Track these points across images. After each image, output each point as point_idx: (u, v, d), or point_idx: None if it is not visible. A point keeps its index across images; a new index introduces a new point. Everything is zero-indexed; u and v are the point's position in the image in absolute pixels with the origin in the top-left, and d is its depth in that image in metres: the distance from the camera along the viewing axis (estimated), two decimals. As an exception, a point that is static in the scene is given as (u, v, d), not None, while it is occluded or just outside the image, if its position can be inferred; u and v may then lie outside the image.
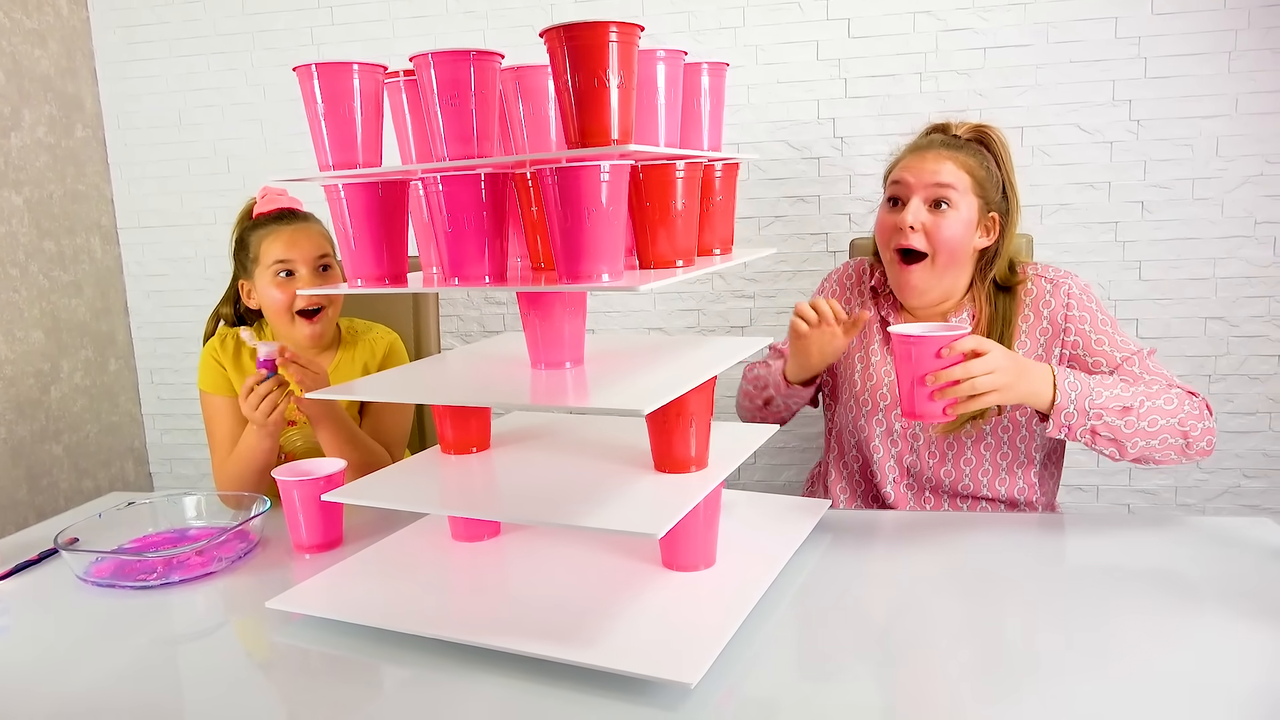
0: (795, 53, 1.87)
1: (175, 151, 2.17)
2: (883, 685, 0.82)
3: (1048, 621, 0.93)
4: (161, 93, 2.15)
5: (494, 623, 0.93)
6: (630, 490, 0.97)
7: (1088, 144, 1.80)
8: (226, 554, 1.18)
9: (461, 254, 0.93)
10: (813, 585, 1.04)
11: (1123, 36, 1.75)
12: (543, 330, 1.02)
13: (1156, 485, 1.90)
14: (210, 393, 1.48)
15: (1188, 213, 1.79)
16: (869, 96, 1.86)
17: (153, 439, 2.32)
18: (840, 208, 1.91)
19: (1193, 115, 1.75)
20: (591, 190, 0.85)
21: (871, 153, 1.87)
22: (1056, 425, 1.15)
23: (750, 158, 1.12)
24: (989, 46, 1.80)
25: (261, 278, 1.41)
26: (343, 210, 0.97)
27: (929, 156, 1.30)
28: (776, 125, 1.90)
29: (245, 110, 2.11)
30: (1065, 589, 1.01)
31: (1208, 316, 1.81)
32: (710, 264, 1.03)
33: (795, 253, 1.95)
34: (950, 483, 1.33)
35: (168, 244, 2.22)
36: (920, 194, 1.29)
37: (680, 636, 0.88)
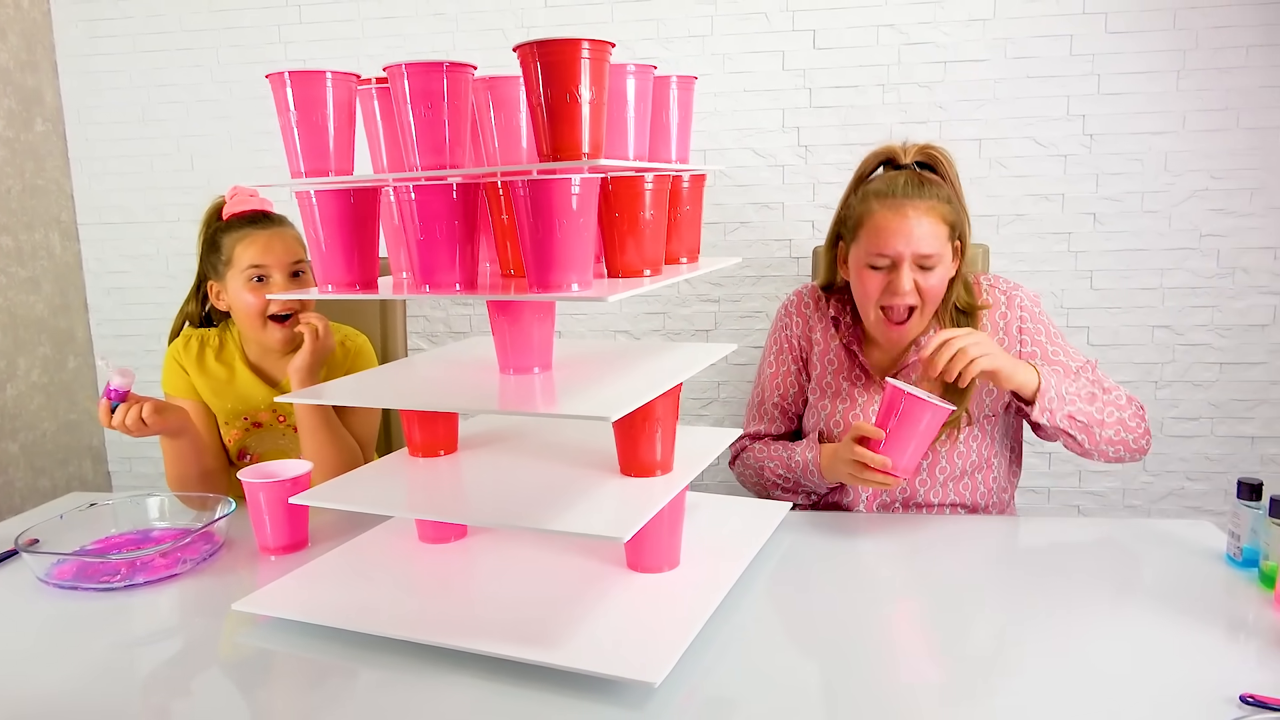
0: (761, 62, 1.90)
1: (138, 148, 2.15)
2: (843, 683, 0.85)
3: (1000, 618, 0.97)
4: (124, 88, 2.13)
5: (461, 624, 0.94)
6: (596, 494, 0.98)
7: (1043, 157, 1.85)
8: (191, 556, 1.18)
9: (433, 262, 0.94)
10: (775, 585, 1.07)
11: (1078, 54, 1.81)
12: (511, 336, 1.04)
13: (1105, 487, 1.96)
14: (173, 395, 1.48)
15: (1137, 225, 1.85)
16: (833, 106, 1.90)
17: (112, 437, 2.29)
18: (804, 214, 1.95)
19: (1143, 131, 1.81)
20: (562, 202, 0.87)
21: (835, 161, 1.91)
22: (1041, 408, 1.20)
23: (716, 169, 1.14)
24: (950, 60, 1.84)
25: (234, 281, 1.40)
26: (314, 217, 0.98)
27: (909, 217, 1.28)
28: (742, 133, 1.93)
29: (211, 108, 2.10)
30: (1018, 587, 1.04)
31: (1155, 325, 1.88)
32: (677, 273, 1.06)
33: (759, 258, 1.98)
34: (924, 492, 1.35)
35: (129, 241, 2.20)
36: (908, 262, 1.29)
37: (644, 637, 0.90)
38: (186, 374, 1.46)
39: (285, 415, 1.49)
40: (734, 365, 2.04)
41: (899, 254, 1.29)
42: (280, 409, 1.49)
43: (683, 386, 1.09)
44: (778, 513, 1.24)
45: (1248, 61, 1.77)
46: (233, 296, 1.41)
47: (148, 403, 1.28)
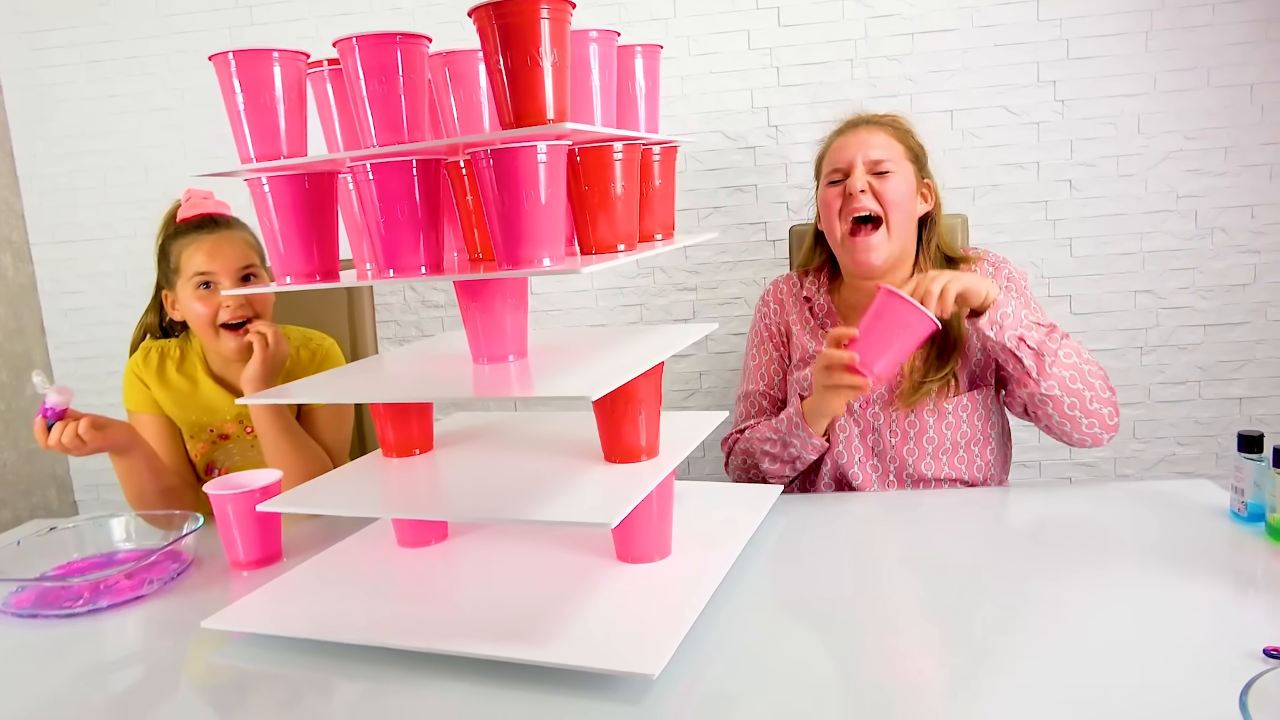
0: (727, 42, 1.87)
1: (90, 162, 2.08)
2: (849, 668, 0.80)
3: (1006, 592, 0.93)
4: (73, 100, 2.06)
5: (446, 627, 0.90)
6: (580, 482, 0.94)
7: (1015, 125, 1.83)
8: (158, 575, 1.13)
9: (395, 245, 0.89)
10: (771, 570, 1.03)
11: (1045, 19, 1.78)
12: (484, 323, 0.99)
13: (1096, 458, 1.93)
14: (136, 411, 1.42)
15: (1114, 189, 1.83)
16: (801, 84, 1.87)
17: (76, 464, 2.21)
18: (778, 196, 1.91)
19: (1114, 94, 1.79)
20: (529, 172, 0.83)
21: (806, 140, 1.88)
22: (990, 321, 1.18)
23: (687, 139, 1.10)
24: (916, 32, 1.82)
25: (183, 290, 1.34)
26: (268, 205, 0.93)
27: (860, 132, 1.34)
28: (711, 116, 1.90)
29: (163, 116, 2.03)
30: (1021, 559, 1.01)
31: (1137, 290, 1.86)
32: (652, 249, 1.01)
33: (735, 243, 1.95)
34: (914, 462, 1.33)
35: (85, 259, 2.12)
36: (861, 165, 1.32)
37: (639, 628, 0.86)
38: (147, 388, 1.40)
39: (253, 426, 1.43)
40: (714, 354, 2.00)
41: (850, 160, 1.32)
42: (247, 420, 1.43)
43: (664, 378, 1.05)
44: (769, 496, 1.20)
45: (1215, 19, 1.75)
46: (183, 305, 1.35)
47: (84, 419, 1.21)
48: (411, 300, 2.06)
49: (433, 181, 0.90)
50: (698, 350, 2.00)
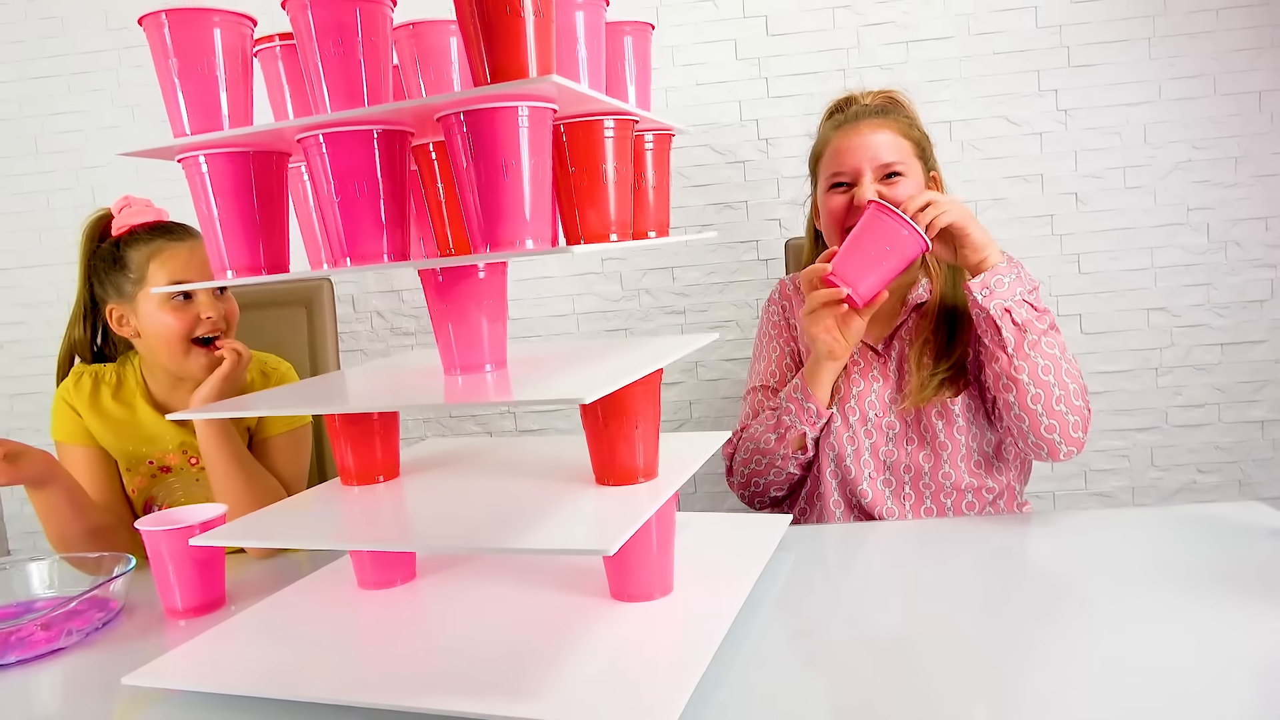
0: (713, 53, 1.78)
1: (32, 184, 1.94)
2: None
3: (1050, 623, 0.81)
4: (14, 118, 1.92)
5: (415, 679, 0.76)
6: (570, 506, 0.82)
7: (1017, 136, 1.75)
8: (79, 626, 0.97)
9: (354, 229, 0.77)
10: (782, 610, 0.90)
11: (1044, 25, 1.71)
12: (457, 328, 0.87)
13: (1112, 487, 1.82)
14: (65, 442, 1.27)
15: (1122, 202, 1.74)
16: (792, 96, 1.78)
17: (12, 510, 2.04)
18: (769, 213, 1.81)
19: (1118, 103, 1.72)
20: (509, 137, 0.71)
21: (798, 154, 1.78)
22: (983, 284, 1.12)
23: (682, 129, 0.99)
24: (911, 40, 1.74)
25: (148, 301, 1.20)
26: (205, 188, 0.81)
27: (864, 131, 1.24)
28: (698, 130, 1.80)
29: (111, 135, 1.91)
30: (1064, 588, 0.89)
31: (1150, 308, 1.77)
32: (647, 240, 0.90)
33: (725, 263, 1.84)
34: (930, 470, 1.22)
35: (26, 288, 1.97)
36: (869, 174, 1.22)
37: (641, 678, 0.72)
38: (79, 416, 1.26)
39: (198, 457, 1.28)
40: (706, 382, 1.88)
41: (857, 168, 1.22)
42: (192, 449, 1.28)
43: (664, 391, 0.92)
44: (778, 527, 1.07)
45: (1219, 24, 1.69)
46: (146, 319, 1.21)
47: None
48: (380, 328, 1.92)
49: (397, 158, 0.78)
50: (687, 377, 1.88)
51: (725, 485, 1.86)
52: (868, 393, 1.25)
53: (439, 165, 0.88)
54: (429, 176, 0.90)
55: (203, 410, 0.83)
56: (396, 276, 1.90)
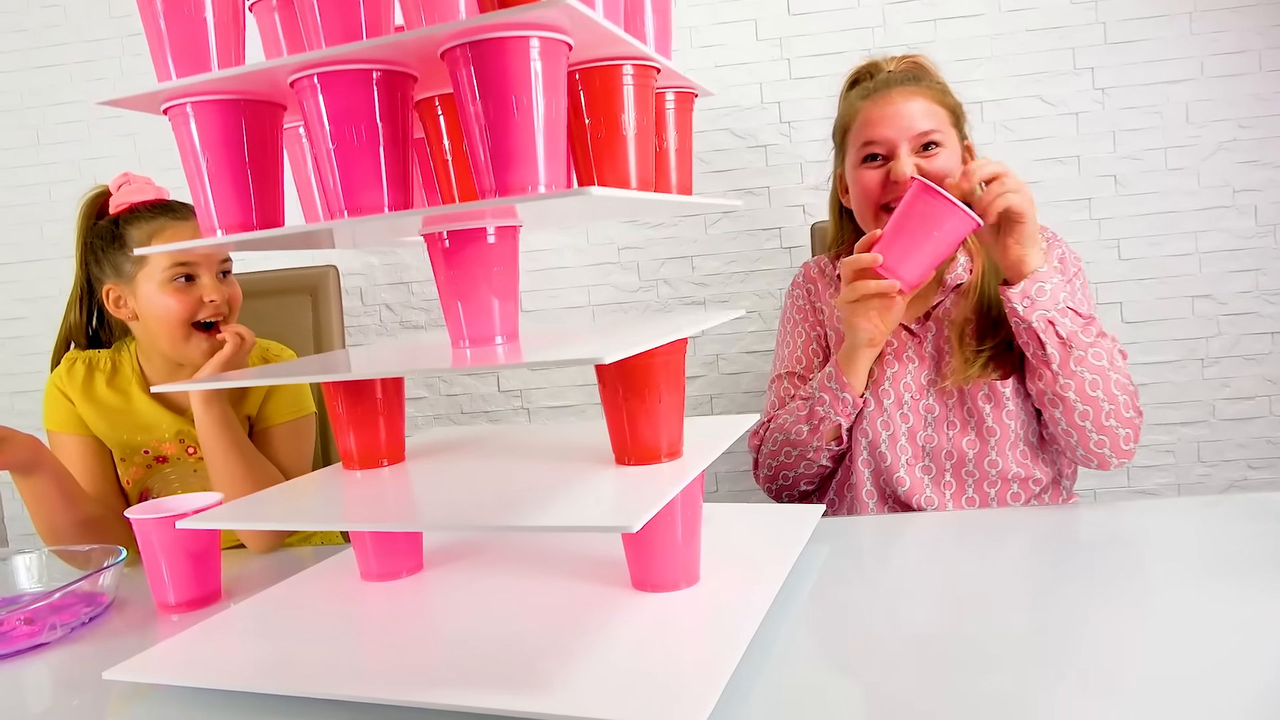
0: (732, 33, 1.72)
1: (35, 175, 1.89)
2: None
3: (1100, 624, 0.73)
4: (16, 109, 1.88)
5: (421, 673, 0.69)
6: (588, 485, 0.75)
7: (1052, 116, 1.67)
8: (65, 620, 0.92)
9: (352, 179, 0.70)
10: (816, 605, 0.82)
11: (1078, 1, 1.64)
12: (465, 297, 0.80)
13: (1157, 484, 1.74)
14: (57, 431, 1.21)
15: (1163, 184, 1.66)
16: (815, 77, 1.71)
17: (13, 511, 1.98)
18: (792, 199, 1.74)
19: (1158, 81, 1.65)
20: (519, 72, 0.65)
21: (822, 137, 1.71)
22: (1023, 293, 1.04)
23: (707, 90, 0.92)
24: (939, 18, 1.67)
25: (148, 282, 1.15)
26: (193, 141, 0.75)
27: (896, 100, 1.16)
28: (718, 113, 1.74)
29: (115, 125, 1.86)
30: (1110, 585, 0.81)
31: (1194, 295, 1.68)
32: (669, 195, 0.83)
33: (746, 251, 1.77)
34: (974, 457, 1.14)
35: (27, 282, 1.92)
36: (906, 145, 1.15)
37: (666, 674, 0.65)
38: (72, 404, 1.20)
39: (196, 446, 1.22)
40: (727, 376, 1.81)
41: (892, 140, 1.15)
42: (190, 439, 1.22)
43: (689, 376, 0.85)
44: (810, 518, 1.00)
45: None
46: (146, 301, 1.15)
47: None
48: (389, 321, 1.86)
49: (398, 104, 0.71)
50: (708, 370, 1.81)
51: (750, 482, 1.78)
52: (902, 374, 1.18)
53: (445, 120, 0.81)
54: (435, 135, 0.83)
55: (191, 382, 0.77)
56: (406, 268, 1.84)
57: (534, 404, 1.86)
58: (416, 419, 1.88)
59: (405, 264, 1.84)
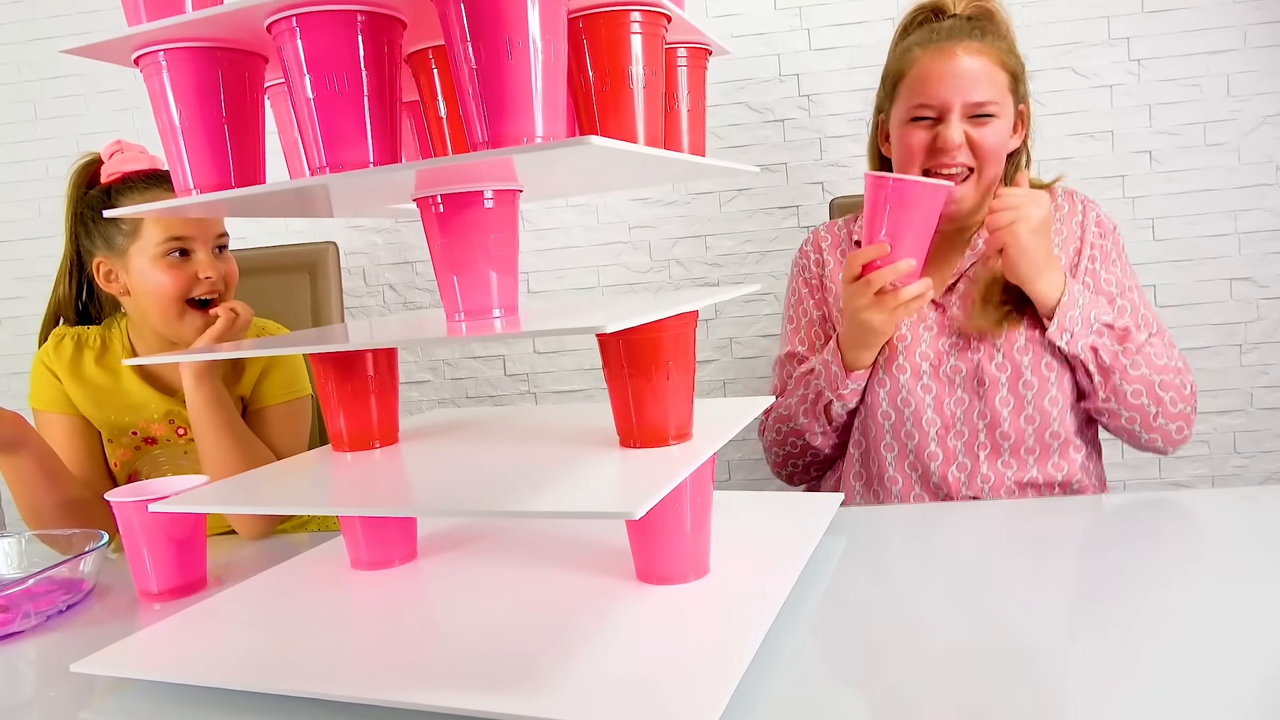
0: (750, 2, 1.65)
1: (31, 151, 1.85)
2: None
3: (1143, 632, 0.67)
4: (13, 83, 1.83)
5: (410, 671, 0.64)
6: (591, 468, 0.70)
7: (1085, 89, 1.60)
8: (42, 608, 0.87)
9: (335, 132, 0.65)
10: (832, 602, 0.76)
11: (1114, -33, 1.57)
12: (461, 265, 0.74)
13: (1190, 475, 1.66)
14: (43, 410, 1.16)
15: (1201, 161, 1.59)
16: (836, 48, 1.64)
17: (8, 496, 1.94)
18: (811, 175, 1.67)
19: (1198, 51, 1.57)
20: (513, 9, 0.59)
21: (843, 111, 1.65)
22: (1060, 327, 1.02)
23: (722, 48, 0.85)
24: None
25: (140, 256, 1.09)
26: (165, 91, 0.69)
27: (958, 55, 1.08)
28: (734, 86, 1.67)
29: (113, 99, 1.81)
30: (1156, 587, 0.75)
31: (1233, 278, 1.61)
32: (680, 154, 0.76)
33: (762, 230, 1.70)
34: (1009, 415, 1.09)
35: (24, 261, 1.88)
36: (959, 109, 1.08)
37: (670, 675, 0.60)
38: (59, 381, 1.15)
39: (186, 427, 1.17)
40: (741, 360, 1.75)
41: (946, 101, 1.08)
42: (180, 419, 1.17)
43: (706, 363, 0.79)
44: (827, 508, 0.94)
45: (1311, -36, 1.53)
46: (137, 276, 1.10)
47: None
48: (392, 302, 1.81)
49: (385, 52, 0.65)
50: (721, 354, 1.74)
51: (765, 470, 1.72)
52: (916, 344, 1.11)
53: (440, 76, 0.75)
54: (429, 93, 0.77)
55: (175, 354, 0.72)
56: (410, 247, 1.79)
57: (541, 388, 1.80)
58: (420, 403, 1.83)
59: (409, 243, 1.79)
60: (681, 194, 1.71)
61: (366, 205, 0.85)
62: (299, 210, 0.89)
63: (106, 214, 0.74)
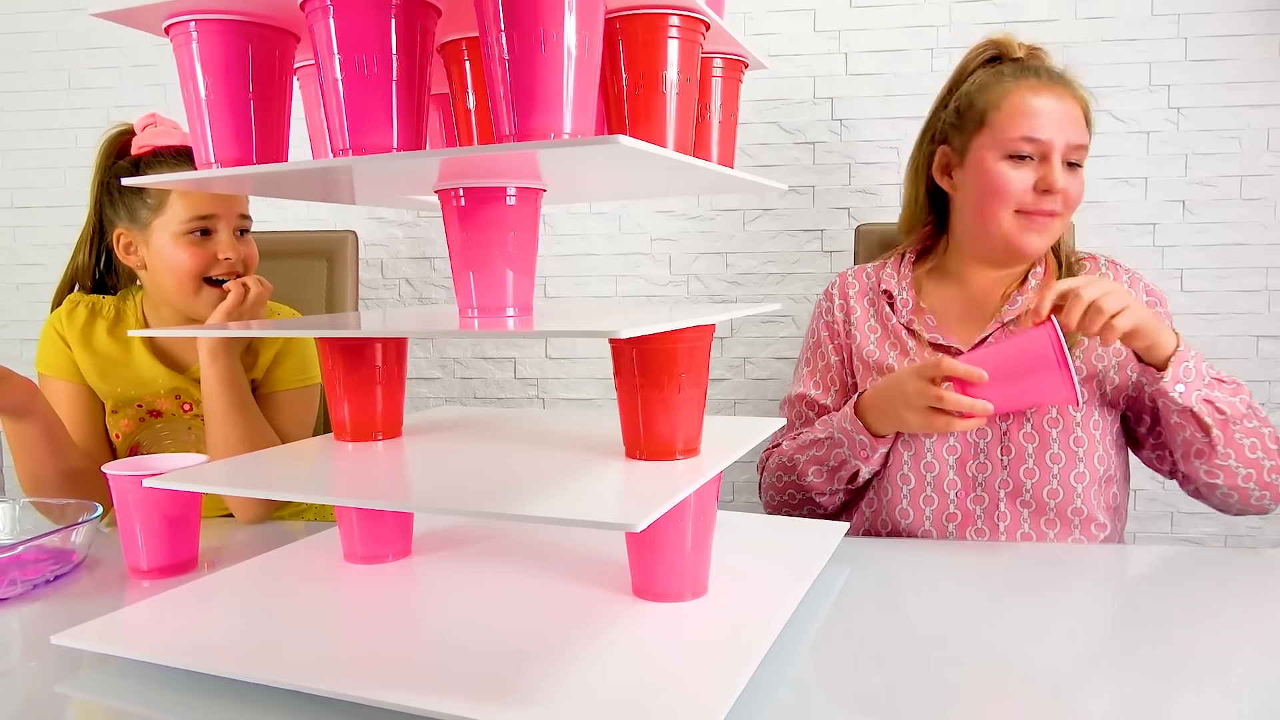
0: (789, 22, 1.64)
1: (63, 119, 1.85)
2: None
3: (1160, 686, 0.64)
4: (50, 50, 1.84)
5: (396, 671, 0.63)
6: (594, 477, 0.68)
7: (1122, 134, 1.57)
8: (29, 576, 0.87)
9: (361, 114, 0.64)
10: (831, 632, 0.75)
11: (1160, 13, 1.55)
12: (477, 263, 0.73)
13: (1202, 533, 1.63)
14: (49, 375, 1.16)
15: (1235, 214, 1.56)
16: (873, 74, 1.63)
17: (8, 463, 1.94)
18: (838, 200, 1.66)
19: (1240, 104, 1.54)
20: (551, 1, 0.57)
21: (874, 138, 1.63)
22: (1174, 378, 0.95)
23: (759, 62, 0.83)
24: (1009, 21, 1.58)
25: (163, 231, 1.09)
26: (193, 62, 0.68)
27: (1065, 98, 1.06)
28: (765, 105, 1.66)
29: (147, 74, 1.81)
30: (1147, 638, 0.72)
31: (1260, 335, 1.58)
32: (709, 163, 0.75)
33: (785, 252, 1.69)
34: (1033, 486, 1.04)
35: (46, 228, 1.88)
36: (1060, 152, 1.04)
37: (663, 695, 0.59)
38: (68, 349, 1.14)
39: (191, 403, 1.16)
40: (753, 380, 1.73)
41: (1052, 139, 1.04)
42: (186, 394, 1.16)
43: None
44: (831, 536, 0.92)
45: (1361, 24, 1.51)
46: (157, 251, 1.10)
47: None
48: (407, 296, 1.80)
49: (417, 37, 0.64)
50: (734, 374, 1.72)
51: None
52: None
53: (471, 69, 0.74)
54: (459, 85, 0.76)
55: (185, 329, 0.71)
56: (430, 242, 1.78)
57: (549, 394, 1.79)
58: (428, 400, 1.82)
59: (429, 238, 1.78)
60: (706, 209, 1.70)
61: (388, 193, 0.84)
62: (320, 194, 0.88)
63: (125, 182, 0.73)
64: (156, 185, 0.74)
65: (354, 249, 1.45)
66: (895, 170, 1.63)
